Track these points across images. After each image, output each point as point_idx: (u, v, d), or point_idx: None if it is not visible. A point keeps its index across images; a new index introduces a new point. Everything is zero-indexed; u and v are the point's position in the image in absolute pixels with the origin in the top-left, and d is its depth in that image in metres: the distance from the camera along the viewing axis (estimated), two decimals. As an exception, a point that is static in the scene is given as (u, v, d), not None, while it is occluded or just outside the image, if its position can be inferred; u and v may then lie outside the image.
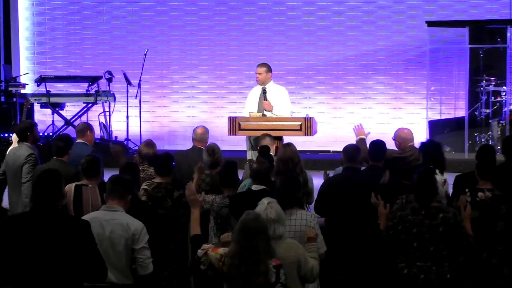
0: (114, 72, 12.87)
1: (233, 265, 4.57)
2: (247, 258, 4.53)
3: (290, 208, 5.53)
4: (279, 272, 4.64)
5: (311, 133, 8.93)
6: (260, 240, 4.57)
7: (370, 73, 13.52)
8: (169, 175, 6.76)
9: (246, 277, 4.52)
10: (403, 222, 5.41)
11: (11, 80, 12.94)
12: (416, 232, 5.36)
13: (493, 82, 11.91)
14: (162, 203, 6.59)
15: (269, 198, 5.16)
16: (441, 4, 13.37)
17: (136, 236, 5.14)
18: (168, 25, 13.74)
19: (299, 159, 6.97)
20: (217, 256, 4.71)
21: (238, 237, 4.61)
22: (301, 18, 13.59)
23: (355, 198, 6.43)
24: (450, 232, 5.33)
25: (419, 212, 5.40)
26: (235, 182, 6.57)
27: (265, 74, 9.33)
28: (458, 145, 11.93)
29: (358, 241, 6.35)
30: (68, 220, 4.69)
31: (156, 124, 13.80)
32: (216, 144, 7.43)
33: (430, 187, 5.45)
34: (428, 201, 5.42)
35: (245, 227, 4.61)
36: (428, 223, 5.35)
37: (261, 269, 4.53)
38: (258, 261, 4.53)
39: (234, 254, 4.59)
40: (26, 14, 13.87)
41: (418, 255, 5.35)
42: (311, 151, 12.41)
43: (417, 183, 5.47)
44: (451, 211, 5.41)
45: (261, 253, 4.55)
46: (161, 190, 6.62)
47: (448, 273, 5.33)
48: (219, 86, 13.60)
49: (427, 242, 5.34)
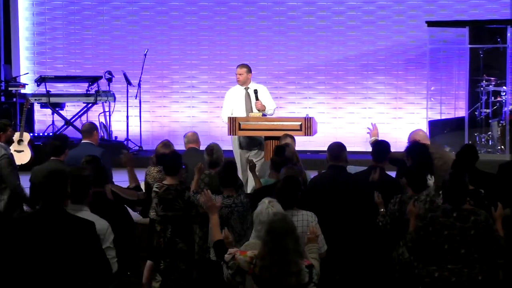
0: (114, 72, 12.87)
1: (265, 267, 4.55)
2: (278, 259, 4.52)
3: (290, 209, 5.53)
4: (311, 272, 4.64)
5: (311, 133, 8.93)
6: (289, 240, 4.55)
7: (370, 73, 13.51)
8: (177, 174, 6.76)
9: (278, 278, 4.51)
10: (433, 224, 5.37)
11: (11, 80, 12.94)
12: (447, 234, 5.32)
13: (493, 82, 11.89)
14: (173, 205, 6.60)
15: (270, 198, 5.16)
16: (441, 4, 13.37)
17: (101, 236, 5.03)
18: (168, 25, 13.73)
19: (298, 159, 6.98)
20: (247, 259, 4.67)
21: (266, 238, 4.59)
22: (301, 18, 13.59)
23: (339, 196, 6.43)
24: (481, 235, 5.29)
25: (450, 214, 5.35)
26: (235, 182, 6.57)
27: (245, 75, 9.36)
28: (458, 145, 11.87)
29: (344, 239, 6.33)
30: (73, 220, 4.68)
31: (156, 124, 13.80)
32: (217, 143, 7.43)
33: (462, 189, 5.40)
34: (459, 202, 5.38)
35: (273, 228, 4.59)
36: (459, 225, 5.31)
37: (292, 269, 4.52)
38: (289, 262, 4.52)
39: (264, 256, 4.57)
40: (26, 14, 13.87)
41: (449, 258, 5.32)
42: (311, 151, 12.42)
43: (449, 184, 5.42)
44: (483, 214, 5.37)
45: (291, 253, 4.53)
46: (172, 192, 6.63)
47: (480, 275, 5.30)
48: (219, 86, 13.59)
49: (458, 244, 5.30)
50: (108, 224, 5.09)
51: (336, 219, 6.36)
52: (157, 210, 6.67)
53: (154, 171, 7.56)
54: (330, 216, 6.36)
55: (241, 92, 9.41)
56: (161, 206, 6.62)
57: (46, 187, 4.63)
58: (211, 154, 7.24)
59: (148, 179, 7.53)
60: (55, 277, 4.49)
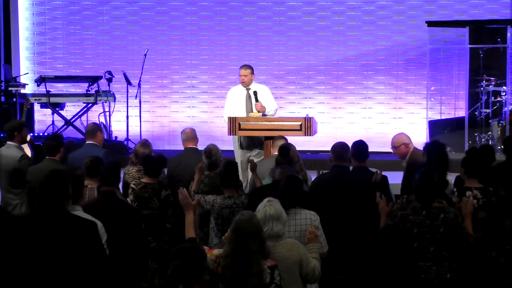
0: (114, 72, 12.86)
1: (227, 266, 4.59)
2: (240, 259, 4.55)
3: (293, 208, 5.53)
4: (273, 273, 4.65)
5: (311, 133, 8.93)
6: (253, 241, 4.58)
7: (370, 73, 13.51)
8: (157, 177, 6.77)
9: (239, 278, 4.53)
10: (403, 222, 5.41)
11: (11, 80, 12.93)
12: (416, 232, 5.36)
13: (493, 82, 11.90)
14: (149, 203, 6.59)
15: (270, 197, 5.17)
16: (441, 4, 13.37)
17: None
18: (168, 25, 13.73)
19: (298, 158, 6.99)
20: (212, 257, 4.72)
21: (231, 237, 4.64)
22: (301, 18, 13.59)
23: (343, 196, 6.44)
24: (451, 232, 5.33)
25: (420, 212, 5.40)
26: (236, 183, 6.58)
27: (249, 76, 9.39)
28: (458, 145, 11.92)
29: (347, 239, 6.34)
30: (75, 220, 4.68)
31: (156, 124, 13.80)
32: (215, 145, 7.42)
33: (431, 187, 5.44)
34: (429, 201, 5.42)
35: (238, 228, 4.63)
36: (429, 223, 5.35)
37: (254, 269, 4.54)
38: (251, 262, 4.54)
39: (227, 255, 4.61)
40: (26, 14, 13.86)
41: (418, 255, 5.35)
42: (311, 151, 12.42)
43: (418, 183, 5.46)
44: (452, 212, 5.41)
45: (254, 254, 4.55)
46: (148, 190, 6.64)
47: (448, 273, 5.33)
48: (219, 86, 13.59)
49: (427, 242, 5.34)
50: (101, 224, 5.09)
51: (339, 219, 6.38)
52: None
53: (133, 171, 7.55)
54: (333, 216, 6.38)
55: (242, 92, 9.42)
56: (136, 203, 6.61)
57: (46, 187, 4.63)
58: (210, 157, 7.23)
59: (127, 178, 7.51)
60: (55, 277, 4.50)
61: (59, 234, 4.53)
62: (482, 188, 5.92)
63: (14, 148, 7.63)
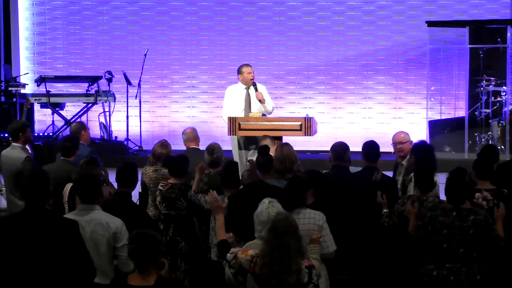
0: (114, 72, 12.86)
1: (265, 265, 4.57)
2: (279, 257, 4.54)
3: (298, 208, 5.54)
4: (311, 273, 4.64)
5: (311, 133, 8.93)
6: (291, 239, 4.57)
7: (370, 73, 13.51)
8: (183, 177, 6.77)
9: (278, 276, 4.52)
10: (433, 223, 5.38)
11: (11, 80, 12.94)
12: (446, 233, 5.33)
13: (493, 82, 11.90)
14: (176, 203, 6.61)
15: (270, 198, 5.17)
16: (441, 4, 13.37)
17: (117, 235, 5.10)
18: (168, 25, 13.73)
19: (296, 158, 6.97)
20: (248, 257, 4.70)
21: (268, 236, 4.62)
22: (301, 18, 13.59)
23: (343, 196, 6.43)
24: (480, 234, 5.30)
25: (450, 214, 5.36)
26: (236, 183, 6.57)
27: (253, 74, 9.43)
28: (458, 145, 11.93)
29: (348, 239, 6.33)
30: (56, 219, 4.69)
31: (156, 124, 13.80)
32: (218, 143, 7.44)
33: (462, 188, 5.41)
34: (459, 201, 5.39)
35: (276, 227, 4.61)
36: (458, 224, 5.31)
37: (293, 268, 4.53)
38: (290, 260, 4.53)
39: (265, 254, 4.59)
40: (26, 14, 13.86)
41: (447, 257, 5.33)
42: (311, 151, 12.42)
43: (449, 183, 5.43)
44: (483, 213, 5.37)
45: (292, 252, 4.55)
46: (175, 191, 6.65)
47: (478, 275, 5.31)
48: (219, 86, 13.59)
49: (457, 243, 5.31)
50: (123, 222, 5.09)
51: (340, 218, 6.37)
52: (160, 209, 6.69)
53: (150, 171, 7.57)
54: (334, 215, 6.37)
55: (241, 91, 9.42)
56: (164, 204, 6.64)
57: (29, 187, 4.65)
58: (212, 154, 7.24)
59: (144, 178, 7.54)
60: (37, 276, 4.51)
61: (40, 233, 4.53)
62: (494, 190, 5.89)
63: (19, 149, 7.68)
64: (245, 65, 9.53)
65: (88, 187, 5.16)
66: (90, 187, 5.16)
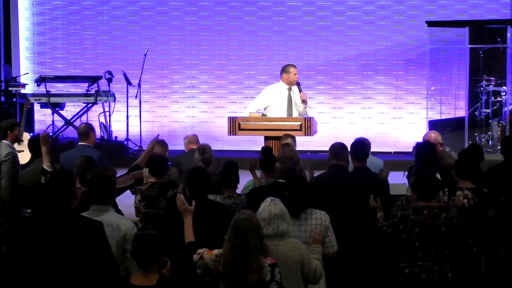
0: (114, 72, 12.87)
1: (226, 263, 4.62)
2: (239, 255, 4.58)
3: (304, 209, 5.56)
4: (274, 271, 4.66)
5: (311, 133, 8.93)
6: (251, 238, 4.60)
7: (370, 73, 13.52)
8: (163, 177, 6.77)
9: (239, 274, 4.56)
10: (404, 222, 5.40)
11: (11, 80, 12.94)
12: (418, 232, 5.35)
13: (493, 82, 11.90)
14: (155, 202, 6.60)
15: (272, 197, 5.18)
16: (441, 4, 13.37)
17: (127, 237, 5.07)
18: (168, 25, 13.74)
19: (298, 158, 6.98)
20: (212, 257, 4.75)
21: (229, 235, 4.67)
22: (301, 18, 13.59)
23: (341, 196, 6.43)
24: (452, 231, 5.32)
25: (421, 212, 5.38)
26: (236, 182, 6.57)
27: None
28: (458, 145, 11.92)
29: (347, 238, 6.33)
30: (81, 221, 4.68)
31: (156, 124, 13.80)
32: (208, 144, 7.45)
33: (430, 183, 5.45)
34: (429, 197, 5.41)
35: (236, 225, 4.67)
36: (430, 223, 5.34)
37: (253, 266, 4.56)
38: (250, 258, 4.57)
39: (226, 253, 4.65)
40: (26, 14, 13.87)
41: (420, 255, 5.35)
42: (311, 151, 12.42)
43: (415, 181, 5.47)
44: (454, 211, 5.39)
45: (252, 250, 4.58)
46: (155, 189, 6.64)
47: (449, 273, 5.33)
48: (219, 86, 13.60)
49: (429, 242, 5.33)
50: (134, 224, 5.10)
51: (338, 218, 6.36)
52: (140, 207, 6.66)
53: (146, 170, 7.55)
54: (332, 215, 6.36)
55: (284, 91, 9.37)
56: (144, 203, 6.62)
57: (53, 188, 4.64)
58: (203, 154, 7.25)
59: None
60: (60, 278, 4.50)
61: (64, 235, 4.53)
62: (474, 189, 5.89)
63: (5, 146, 7.69)
64: (291, 65, 9.49)
65: (102, 188, 5.14)
66: (104, 187, 5.14)
